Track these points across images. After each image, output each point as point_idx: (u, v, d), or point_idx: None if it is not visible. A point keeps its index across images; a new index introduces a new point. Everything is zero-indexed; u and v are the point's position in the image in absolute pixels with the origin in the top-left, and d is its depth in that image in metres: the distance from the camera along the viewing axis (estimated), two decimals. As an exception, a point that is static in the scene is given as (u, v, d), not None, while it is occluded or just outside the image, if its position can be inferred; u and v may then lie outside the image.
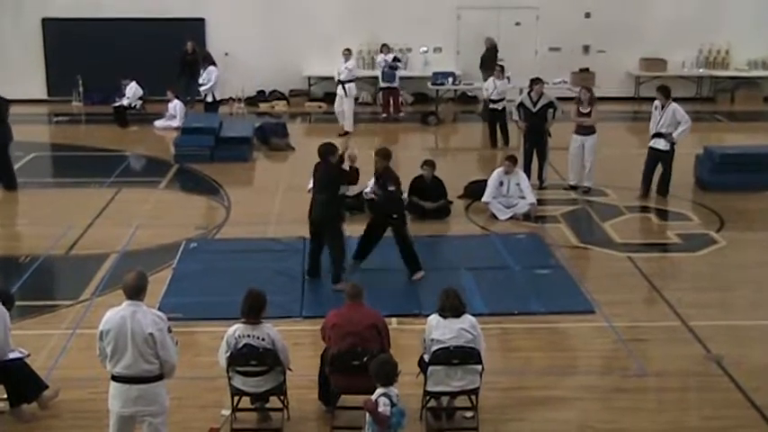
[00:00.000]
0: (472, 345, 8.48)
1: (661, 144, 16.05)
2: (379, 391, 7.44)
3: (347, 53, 21.76)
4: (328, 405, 8.83)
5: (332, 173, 12.12)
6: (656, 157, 16.20)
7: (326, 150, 12.25)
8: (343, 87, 21.58)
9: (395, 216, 12.52)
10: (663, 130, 15.99)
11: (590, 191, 16.61)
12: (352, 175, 12.24)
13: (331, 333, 8.62)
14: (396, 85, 23.60)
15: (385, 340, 8.68)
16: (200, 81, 21.77)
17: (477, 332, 8.57)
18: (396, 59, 23.50)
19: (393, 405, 7.35)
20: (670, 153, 16.10)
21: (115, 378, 7.44)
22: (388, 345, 8.69)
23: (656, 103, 16.21)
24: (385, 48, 23.57)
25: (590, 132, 16.62)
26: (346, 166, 12.21)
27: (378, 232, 12.68)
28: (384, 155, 12.55)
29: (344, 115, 21.74)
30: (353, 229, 14.46)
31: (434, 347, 8.47)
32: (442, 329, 8.50)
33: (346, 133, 20.94)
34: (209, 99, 21.78)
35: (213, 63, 21.86)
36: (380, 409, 7.29)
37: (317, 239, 12.37)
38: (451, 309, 8.56)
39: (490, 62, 23.76)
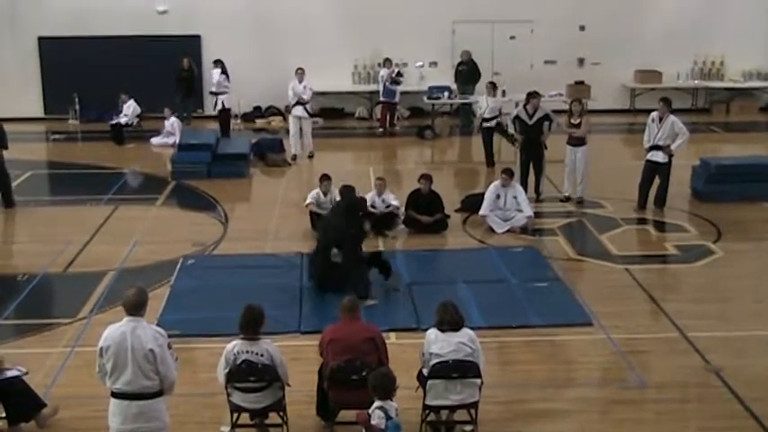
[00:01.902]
0: (471, 358, 8.47)
1: (659, 157, 16.08)
2: (377, 404, 7.43)
3: (301, 72, 20.65)
4: (327, 420, 8.82)
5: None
6: (653, 169, 16.22)
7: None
8: (305, 108, 20.76)
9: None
10: (661, 143, 16.03)
11: (583, 202, 16.65)
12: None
13: (328, 348, 8.61)
14: (396, 100, 23.64)
15: (383, 354, 8.67)
16: (219, 90, 22.23)
17: (476, 346, 8.55)
18: (399, 74, 23.50)
19: (389, 418, 7.32)
20: (668, 165, 16.13)
21: (115, 395, 7.42)
22: (386, 358, 8.69)
23: (653, 115, 16.24)
24: (388, 62, 23.57)
25: (580, 144, 16.67)
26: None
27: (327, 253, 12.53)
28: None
29: (305, 137, 20.82)
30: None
31: (433, 361, 8.45)
32: (440, 343, 8.48)
33: (311, 155, 20.71)
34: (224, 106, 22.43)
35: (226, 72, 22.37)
36: (374, 422, 7.26)
37: None
38: (450, 322, 8.56)
39: (470, 75, 23.82)
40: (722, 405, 9.44)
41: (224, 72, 22.45)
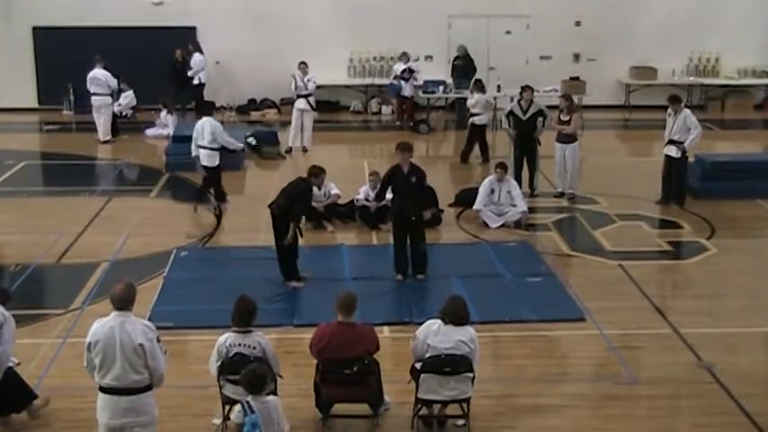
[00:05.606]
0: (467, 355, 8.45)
1: (673, 151, 16.12)
2: (247, 398, 7.47)
3: (304, 66, 20.55)
4: (322, 413, 8.78)
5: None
6: (669, 164, 16.27)
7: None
8: (308, 102, 20.75)
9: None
10: (675, 137, 16.05)
11: (575, 198, 16.65)
12: None
13: (320, 354, 8.54)
14: (407, 94, 23.55)
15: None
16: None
17: (475, 346, 8.51)
18: (410, 70, 23.46)
19: (246, 414, 7.36)
20: (681, 161, 16.14)
21: (104, 390, 7.38)
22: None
23: (670, 110, 16.25)
24: (405, 56, 23.53)
25: (570, 140, 16.66)
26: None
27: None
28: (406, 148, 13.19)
29: (306, 131, 20.77)
30: (345, 237, 14.55)
31: (428, 354, 8.44)
32: (441, 337, 8.43)
33: (305, 150, 20.60)
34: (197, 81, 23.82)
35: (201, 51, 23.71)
36: (232, 416, 7.31)
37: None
38: (455, 316, 8.51)
39: (466, 70, 23.77)
40: (714, 401, 9.46)
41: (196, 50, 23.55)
